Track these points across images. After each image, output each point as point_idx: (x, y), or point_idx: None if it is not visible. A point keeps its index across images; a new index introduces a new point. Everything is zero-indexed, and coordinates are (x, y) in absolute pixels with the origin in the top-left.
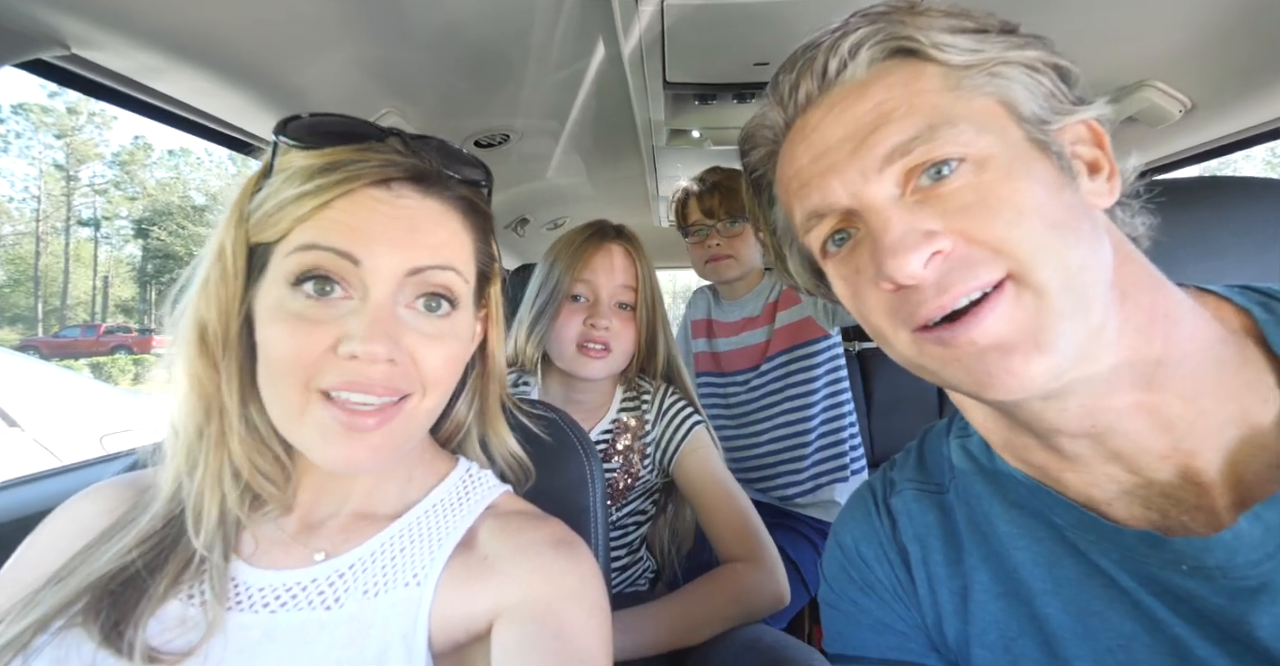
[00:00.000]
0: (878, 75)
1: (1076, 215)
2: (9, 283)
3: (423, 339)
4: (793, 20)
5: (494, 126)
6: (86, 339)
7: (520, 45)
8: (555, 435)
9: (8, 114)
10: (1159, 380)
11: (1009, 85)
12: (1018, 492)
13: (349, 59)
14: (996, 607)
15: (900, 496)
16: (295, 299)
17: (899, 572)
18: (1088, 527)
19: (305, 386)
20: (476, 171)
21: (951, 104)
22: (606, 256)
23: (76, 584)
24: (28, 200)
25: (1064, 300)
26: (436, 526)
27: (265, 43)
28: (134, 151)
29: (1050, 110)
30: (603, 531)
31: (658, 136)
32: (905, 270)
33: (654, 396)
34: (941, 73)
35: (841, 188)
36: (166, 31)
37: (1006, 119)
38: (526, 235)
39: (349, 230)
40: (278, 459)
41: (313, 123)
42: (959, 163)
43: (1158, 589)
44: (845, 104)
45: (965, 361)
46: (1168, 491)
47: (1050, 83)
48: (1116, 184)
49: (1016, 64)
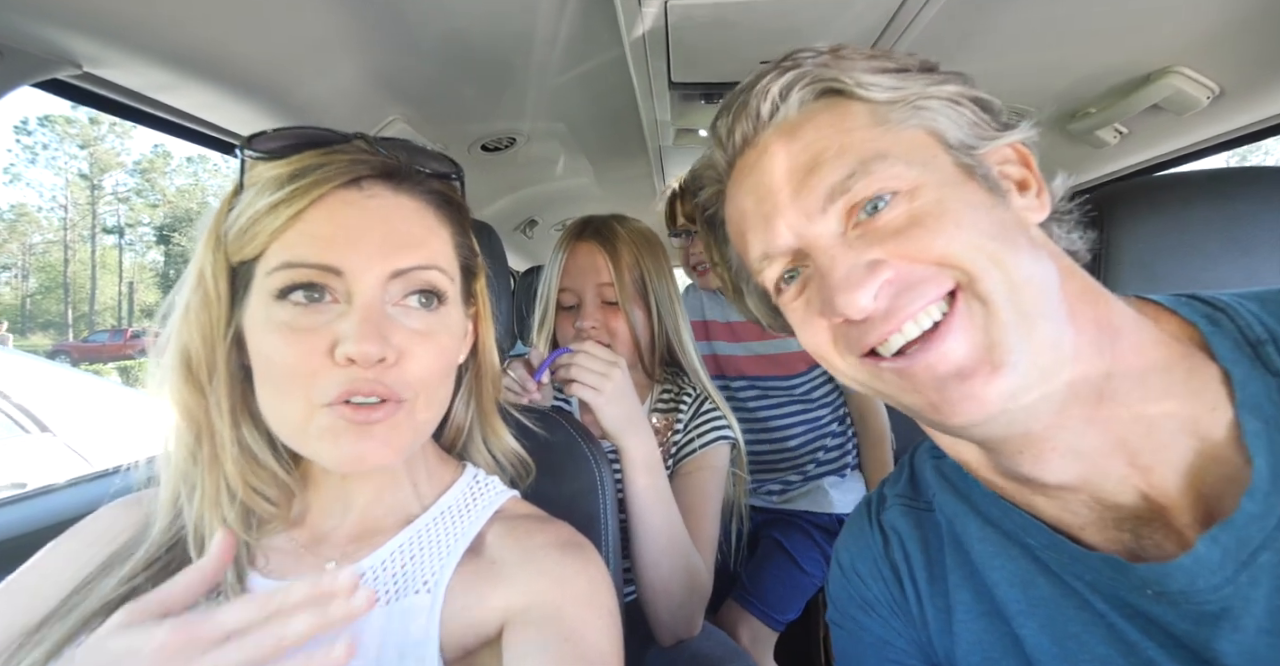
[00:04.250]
0: (808, 116)
1: (1011, 230)
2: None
3: (413, 336)
4: (795, 18)
5: (500, 130)
6: (114, 343)
7: (524, 49)
8: (565, 441)
9: (35, 126)
10: (1108, 393)
11: (934, 116)
12: (991, 512)
13: (355, 69)
14: (979, 627)
15: (890, 512)
16: (283, 309)
17: (893, 589)
18: (1058, 550)
19: (308, 398)
20: (445, 165)
21: (879, 138)
22: (581, 257)
23: (86, 610)
24: (55, 209)
25: (1010, 312)
26: (445, 533)
27: (272, 56)
28: (154, 159)
29: (975, 137)
30: (614, 538)
31: (664, 136)
32: (855, 305)
33: (693, 402)
34: (868, 109)
35: (788, 230)
36: (176, 49)
37: (935, 147)
38: (535, 237)
39: (326, 241)
40: (274, 476)
41: (275, 135)
42: (893, 195)
43: (1129, 612)
44: (779, 144)
45: (924, 391)
46: (1136, 513)
47: (972, 113)
48: (1046, 199)
49: (937, 98)
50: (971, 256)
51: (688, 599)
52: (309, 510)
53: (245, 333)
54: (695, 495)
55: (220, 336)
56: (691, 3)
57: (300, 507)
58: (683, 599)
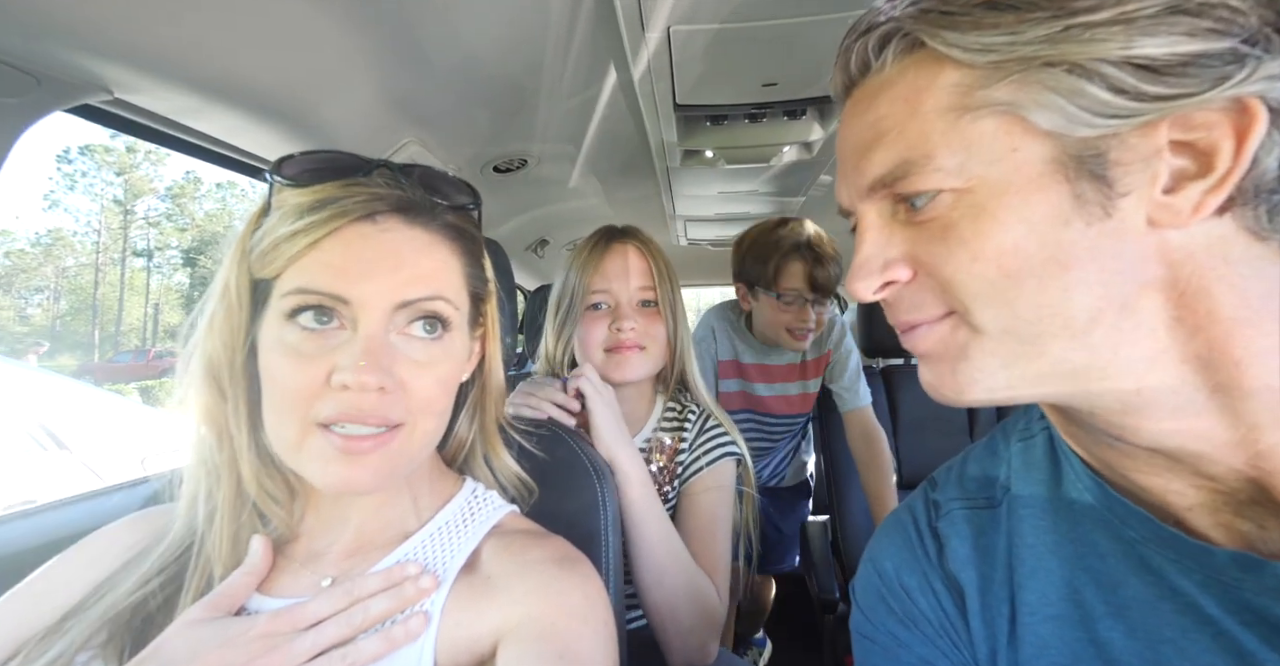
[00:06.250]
0: (897, 75)
1: (1070, 254)
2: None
3: (414, 366)
4: (797, 41)
5: (511, 152)
6: (138, 364)
7: (534, 74)
8: (567, 456)
9: (75, 155)
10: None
11: (1037, 94)
12: (1084, 501)
13: (372, 94)
14: (1046, 630)
15: (948, 518)
16: (292, 331)
17: (946, 605)
18: (1166, 544)
19: (304, 420)
20: (464, 195)
21: (948, 126)
22: (618, 259)
23: (99, 615)
24: (89, 234)
25: (1005, 342)
26: (442, 549)
27: (293, 82)
28: (184, 185)
29: (1104, 113)
30: (615, 556)
31: (671, 157)
32: (857, 294)
33: (697, 420)
34: (958, 76)
35: (846, 198)
36: (201, 75)
37: (1020, 136)
38: (546, 256)
39: (337, 271)
40: (286, 481)
41: (302, 160)
42: (938, 194)
43: (1249, 618)
44: (861, 107)
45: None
46: (1257, 498)
47: (1116, 78)
48: (1225, 190)
49: (1061, 64)
50: (973, 294)
51: (697, 622)
52: (305, 525)
53: (259, 345)
54: (703, 517)
55: (239, 344)
56: (693, 28)
57: (297, 520)
58: (692, 622)
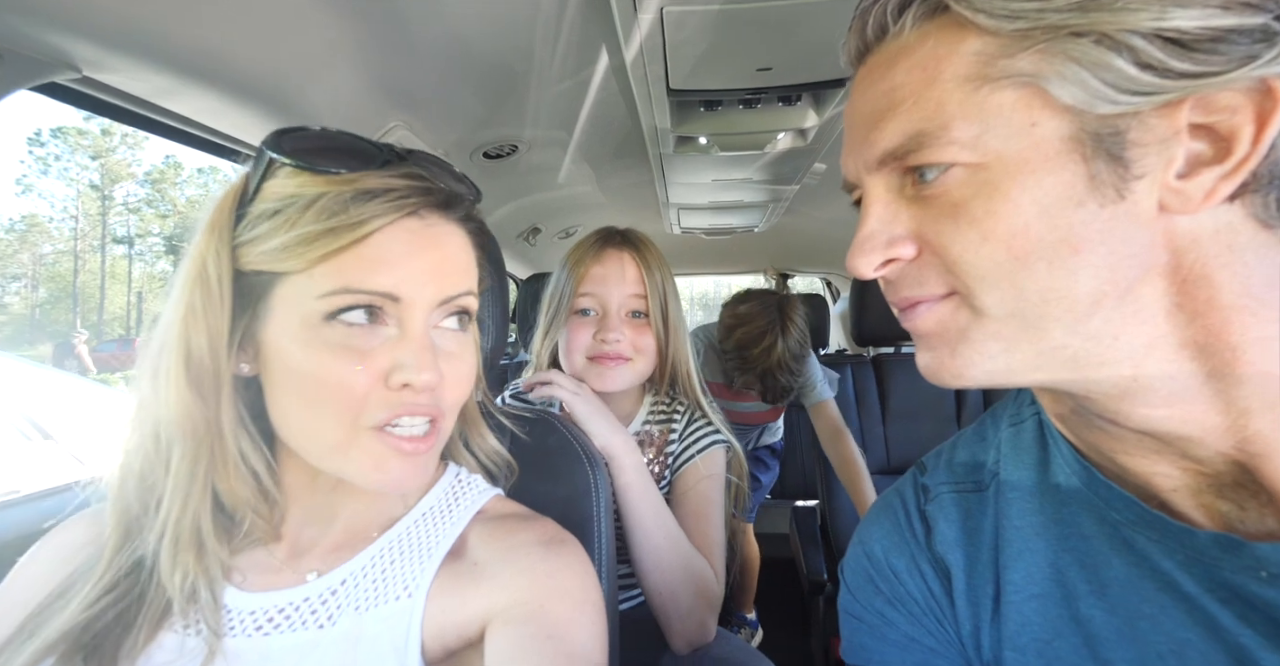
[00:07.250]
0: (916, 42)
1: (1081, 236)
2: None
3: (451, 359)
4: (792, 25)
5: (502, 138)
6: (123, 353)
7: (524, 57)
8: (559, 443)
9: (48, 138)
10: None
11: (1061, 65)
12: (1071, 485)
13: (356, 75)
14: (1029, 608)
15: (937, 502)
16: (333, 329)
17: (932, 585)
18: (1150, 526)
19: (355, 421)
20: (471, 189)
21: (966, 96)
22: (612, 265)
23: (46, 639)
24: (66, 220)
25: (1008, 325)
26: (426, 536)
27: (274, 62)
28: (165, 170)
29: (1128, 89)
30: (608, 541)
31: (664, 144)
32: (857, 271)
33: (685, 412)
34: (980, 44)
35: (853, 170)
36: (176, 54)
37: (1041, 110)
38: (538, 244)
39: (388, 268)
40: (264, 489)
41: (320, 142)
42: (950, 167)
43: (1226, 595)
44: (875, 75)
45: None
46: (1240, 481)
47: (1145, 51)
48: (1239, 177)
49: (1089, 33)
50: (979, 275)
51: (696, 603)
52: (288, 522)
53: (265, 345)
54: (697, 502)
55: (225, 342)
56: (687, 9)
57: (278, 522)
58: (691, 603)
